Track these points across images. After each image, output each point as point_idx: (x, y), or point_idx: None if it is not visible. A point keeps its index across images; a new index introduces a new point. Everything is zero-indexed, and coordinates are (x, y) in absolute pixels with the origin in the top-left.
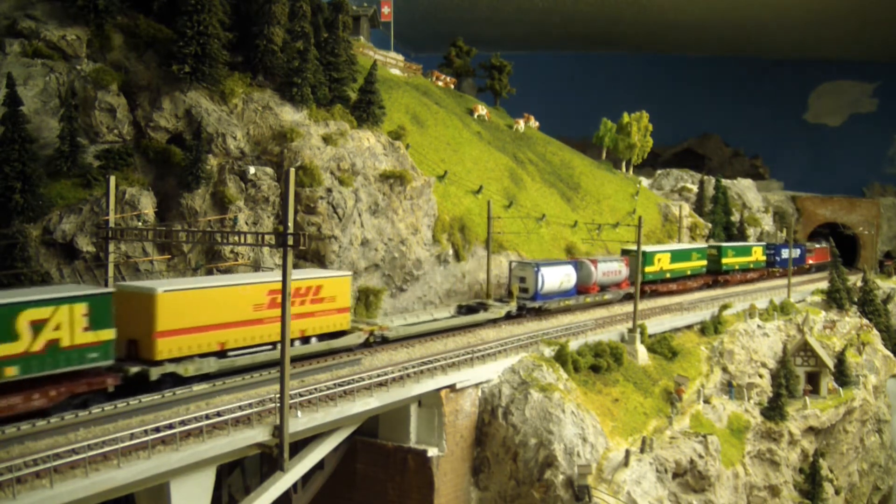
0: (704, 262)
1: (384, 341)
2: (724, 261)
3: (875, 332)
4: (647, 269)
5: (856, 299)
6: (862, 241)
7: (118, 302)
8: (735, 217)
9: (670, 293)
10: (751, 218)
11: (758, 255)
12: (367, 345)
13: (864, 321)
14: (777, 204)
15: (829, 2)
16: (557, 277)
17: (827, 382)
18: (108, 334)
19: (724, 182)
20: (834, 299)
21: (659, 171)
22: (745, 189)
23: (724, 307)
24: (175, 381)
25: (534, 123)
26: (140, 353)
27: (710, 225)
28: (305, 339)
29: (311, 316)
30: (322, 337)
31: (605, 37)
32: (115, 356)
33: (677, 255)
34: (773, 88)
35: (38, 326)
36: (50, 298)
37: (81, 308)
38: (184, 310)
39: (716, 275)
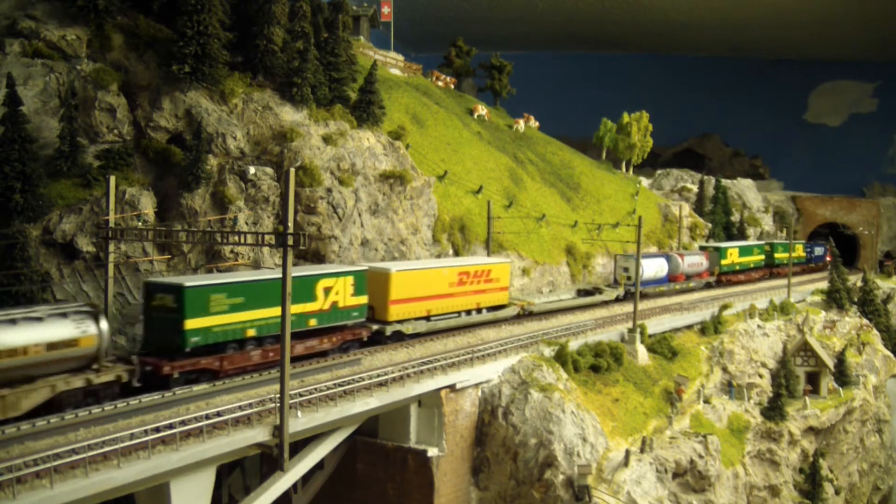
0: (763, 257)
1: (530, 314)
2: (776, 255)
3: (875, 332)
4: (723, 261)
5: (856, 299)
6: (862, 241)
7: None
8: (735, 217)
9: (739, 282)
10: (751, 218)
11: (799, 251)
12: (518, 316)
13: (864, 321)
14: (777, 204)
15: (829, 2)
16: (654, 268)
17: (827, 382)
18: (364, 300)
19: (724, 182)
20: (834, 299)
21: (659, 171)
22: (745, 189)
23: (724, 307)
24: (398, 337)
25: (534, 123)
26: (376, 315)
27: (710, 225)
28: (479, 310)
29: (484, 293)
30: (490, 309)
31: (605, 37)
32: (365, 318)
33: (744, 251)
34: (773, 88)
35: (327, 291)
36: (333, 272)
37: (350, 280)
38: (406, 285)
39: (770, 268)
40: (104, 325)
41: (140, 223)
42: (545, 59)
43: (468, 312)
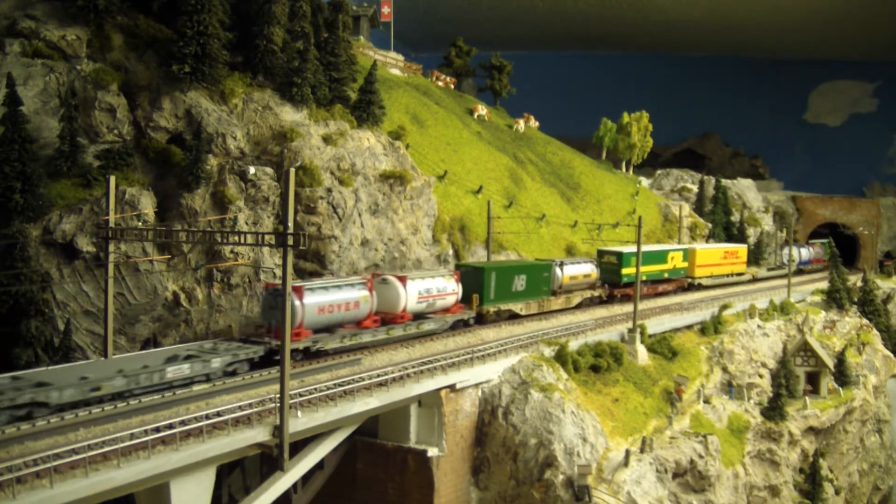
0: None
1: (755, 280)
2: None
3: (875, 332)
4: (827, 252)
5: (856, 299)
6: (862, 241)
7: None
8: (735, 217)
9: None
10: (751, 218)
11: None
12: (750, 281)
13: (864, 321)
14: (777, 204)
15: (829, 2)
16: (804, 255)
17: (827, 382)
18: (685, 265)
19: (724, 182)
20: (834, 299)
21: (659, 171)
22: (745, 189)
23: (724, 307)
24: (699, 286)
25: (534, 123)
26: (687, 274)
27: (710, 225)
28: (731, 275)
29: (734, 265)
30: (736, 275)
31: (605, 37)
32: (685, 275)
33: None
34: (773, 88)
35: (672, 258)
36: (675, 248)
37: (681, 253)
38: (702, 257)
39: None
40: (598, 268)
41: (140, 223)
42: (545, 59)
43: (726, 276)
